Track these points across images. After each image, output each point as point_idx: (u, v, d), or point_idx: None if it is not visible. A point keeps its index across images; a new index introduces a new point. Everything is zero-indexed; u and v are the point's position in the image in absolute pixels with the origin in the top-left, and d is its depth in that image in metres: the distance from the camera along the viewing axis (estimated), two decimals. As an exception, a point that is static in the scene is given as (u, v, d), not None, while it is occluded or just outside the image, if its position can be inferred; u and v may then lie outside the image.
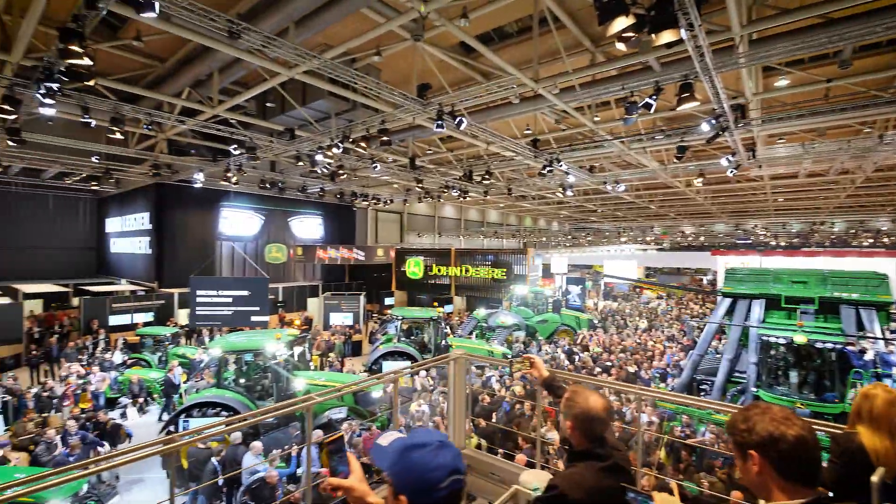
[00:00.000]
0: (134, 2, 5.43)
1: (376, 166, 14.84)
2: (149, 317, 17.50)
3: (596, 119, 12.84)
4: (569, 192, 18.25)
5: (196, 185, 17.39)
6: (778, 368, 9.20)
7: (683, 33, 6.07)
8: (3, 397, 9.39)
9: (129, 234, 22.10)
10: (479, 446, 6.25)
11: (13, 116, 9.25)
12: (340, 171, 14.56)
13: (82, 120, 10.24)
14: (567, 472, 1.90)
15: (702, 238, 38.29)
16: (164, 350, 13.58)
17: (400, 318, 12.86)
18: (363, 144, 11.61)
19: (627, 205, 31.63)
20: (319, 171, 14.68)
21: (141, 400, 11.24)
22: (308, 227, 24.36)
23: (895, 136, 12.41)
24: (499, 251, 23.76)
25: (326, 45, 9.57)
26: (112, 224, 24.11)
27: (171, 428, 8.07)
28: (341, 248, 19.33)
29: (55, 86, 8.03)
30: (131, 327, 16.74)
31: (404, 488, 1.20)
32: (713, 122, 9.91)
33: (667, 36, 5.65)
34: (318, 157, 12.76)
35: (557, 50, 9.29)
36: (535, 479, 2.16)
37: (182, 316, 18.28)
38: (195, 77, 10.99)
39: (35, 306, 18.18)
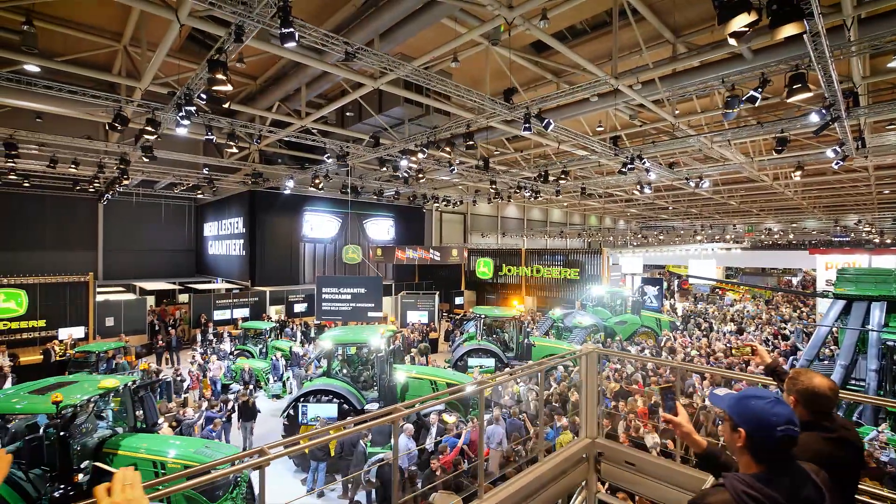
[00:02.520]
0: (280, 35, 6.18)
1: (453, 169, 15.32)
2: (245, 312, 19.22)
3: (676, 113, 12.44)
4: (647, 190, 17.73)
5: (285, 192, 18.89)
6: (903, 376, 8.51)
7: (794, 29, 5.84)
8: (165, 378, 10.89)
9: (224, 238, 24.36)
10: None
11: (154, 136, 10.66)
12: (420, 175, 15.20)
13: (204, 138, 11.54)
14: None
15: (790, 236, 35.27)
16: (265, 342, 14.90)
17: (483, 316, 13.23)
18: (447, 149, 12.09)
19: (704, 201, 29.96)
20: (401, 175, 15.40)
21: (251, 386, 12.44)
22: (381, 228, 25.59)
23: None
24: (571, 251, 23.52)
25: (402, 54, 10.12)
26: (209, 228, 26.67)
27: (291, 411, 8.95)
28: (418, 248, 20.12)
29: (193, 108, 9.20)
30: (231, 322, 18.53)
31: (746, 424, 1.57)
32: (823, 111, 9.30)
33: (789, 29, 5.48)
34: (403, 163, 13.43)
35: (634, 44, 9.15)
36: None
37: (273, 312, 19.89)
38: (285, 92, 12.06)
39: (150, 302, 20.59)
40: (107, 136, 15.29)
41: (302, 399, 8.90)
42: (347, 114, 14.61)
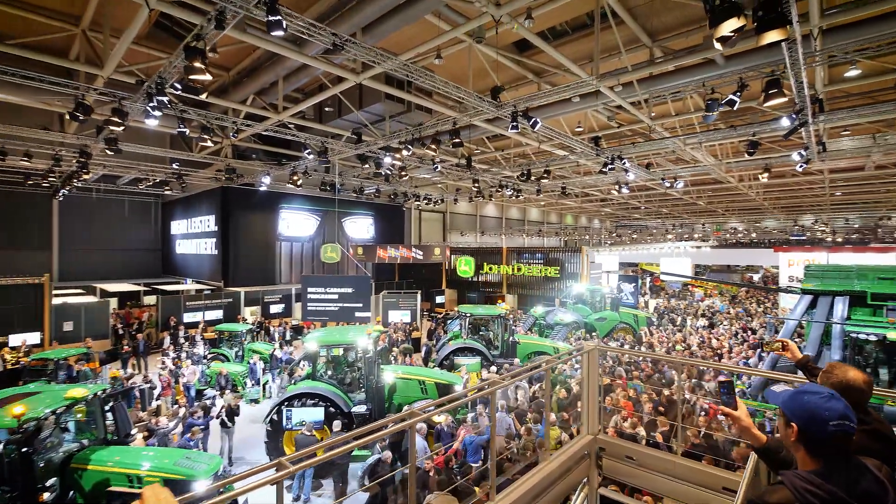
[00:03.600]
0: (267, 23, 5.92)
1: (437, 166, 15.20)
2: (218, 314, 18.51)
3: (652, 115, 12.77)
4: (624, 190, 18.15)
5: (261, 189, 18.29)
6: (866, 365, 9.00)
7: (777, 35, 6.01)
8: (137, 386, 10.28)
9: (194, 236, 23.39)
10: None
11: (120, 128, 10.06)
12: (403, 172, 15.01)
13: (176, 130, 10.99)
14: None
15: (753, 234, 37.09)
16: (241, 345, 14.38)
17: (468, 315, 13.19)
18: (433, 146, 11.97)
19: (674, 201, 31.03)
20: (383, 172, 15.16)
21: (228, 391, 11.97)
22: (360, 227, 25.19)
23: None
24: (551, 250, 23.83)
25: (384, 49, 9.93)
26: (177, 226, 25.56)
27: (275, 416, 8.63)
28: (400, 247, 19.87)
29: (166, 99, 8.73)
30: (195, 325, 17.80)
31: (798, 419, 1.58)
32: (794, 116, 9.72)
33: (774, 35, 5.66)
34: (387, 160, 13.21)
35: (613, 47, 9.31)
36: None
37: (248, 313, 19.24)
38: (261, 85, 11.64)
39: (113, 304, 19.53)
40: (62, 127, 14.35)
41: (286, 403, 8.60)
42: (326, 109, 14.24)
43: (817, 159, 14.63)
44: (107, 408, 6.99)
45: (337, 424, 8.04)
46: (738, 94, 8.60)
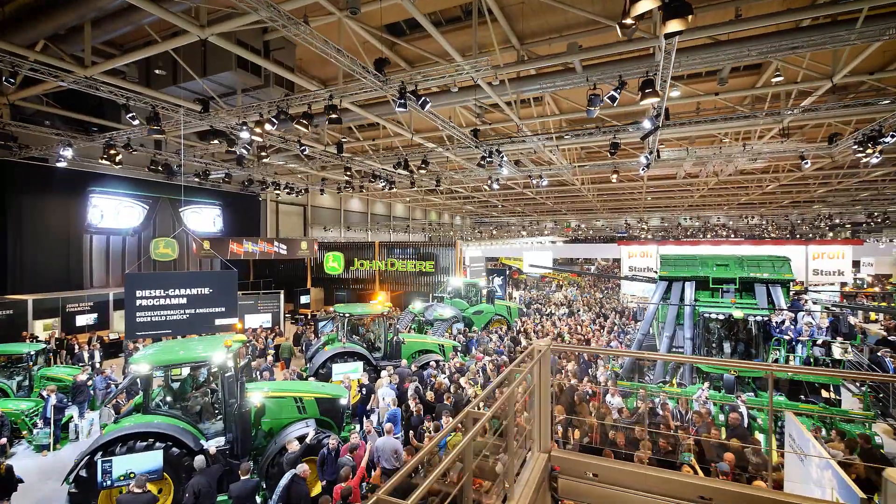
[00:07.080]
0: None
1: (304, 149, 13.30)
2: (-12, 332, 13.42)
3: (520, 117, 13.19)
4: (495, 185, 18.62)
5: (58, 165, 13.80)
6: (712, 341, 10.44)
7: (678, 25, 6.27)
8: None
9: (-58, 227, 16.65)
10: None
11: None
12: (263, 153, 12.73)
13: None
14: None
15: (591, 231, 42.92)
16: (27, 372, 10.50)
17: (346, 315, 11.68)
18: (304, 122, 10.24)
19: (526, 200, 33.83)
20: (238, 152, 12.63)
21: (3, 440, 8.46)
22: (205, 218, 20.99)
23: (754, 144, 15.21)
24: (425, 244, 23.36)
25: (232, 9, 8.14)
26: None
27: (84, 472, 6.11)
28: (259, 240, 16.95)
29: None
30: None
31: None
32: (653, 119, 10.79)
33: (675, 25, 5.83)
34: (244, 134, 10.93)
35: (488, 43, 9.26)
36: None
37: (40, 328, 14.41)
38: (55, 29, 8.58)
39: None
40: None
41: (102, 451, 6.20)
42: (157, 72, 11.20)
43: (655, 164, 17.03)
44: None
45: (199, 460, 6.10)
46: (619, 90, 9.07)
